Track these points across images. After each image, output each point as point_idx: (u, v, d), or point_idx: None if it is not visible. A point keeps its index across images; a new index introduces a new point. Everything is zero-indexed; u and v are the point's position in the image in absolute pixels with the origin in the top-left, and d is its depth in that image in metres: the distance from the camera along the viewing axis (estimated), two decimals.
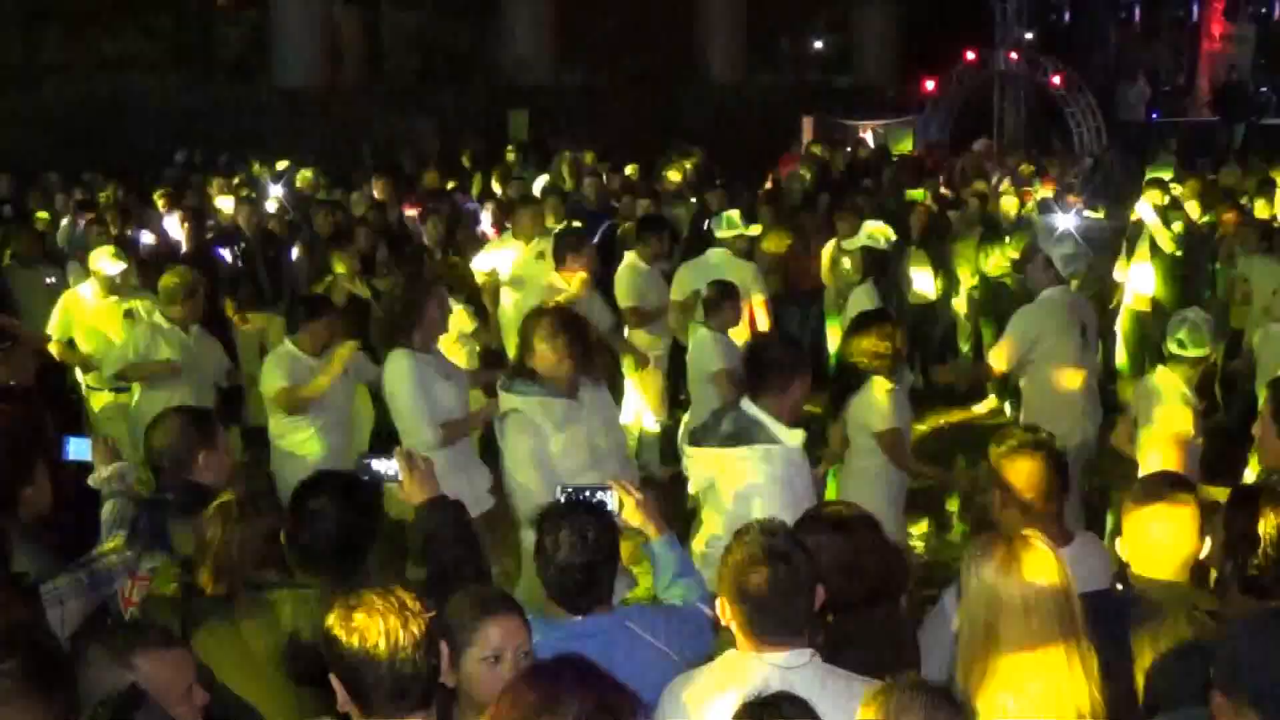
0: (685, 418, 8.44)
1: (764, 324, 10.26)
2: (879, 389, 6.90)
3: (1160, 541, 4.09)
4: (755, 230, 11.35)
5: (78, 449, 5.40)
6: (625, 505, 4.55)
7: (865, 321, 7.16)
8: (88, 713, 2.96)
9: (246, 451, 9.65)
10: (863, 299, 9.91)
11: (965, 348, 13.41)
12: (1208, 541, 4.12)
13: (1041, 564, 3.61)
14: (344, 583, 4.04)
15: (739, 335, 9.20)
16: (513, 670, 3.57)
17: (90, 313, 9.87)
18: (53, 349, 9.82)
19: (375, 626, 3.13)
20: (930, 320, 12.94)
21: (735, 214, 10.96)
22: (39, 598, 4.25)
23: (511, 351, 8.08)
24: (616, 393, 9.02)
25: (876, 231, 10.52)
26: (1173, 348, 6.99)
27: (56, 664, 2.97)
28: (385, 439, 7.92)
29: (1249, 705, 3.05)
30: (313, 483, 4.32)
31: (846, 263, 11.23)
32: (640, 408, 10.33)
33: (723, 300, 8.97)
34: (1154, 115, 27.29)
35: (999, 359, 8.32)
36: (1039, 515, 4.53)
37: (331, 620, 3.20)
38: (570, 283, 9.67)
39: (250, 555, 4.30)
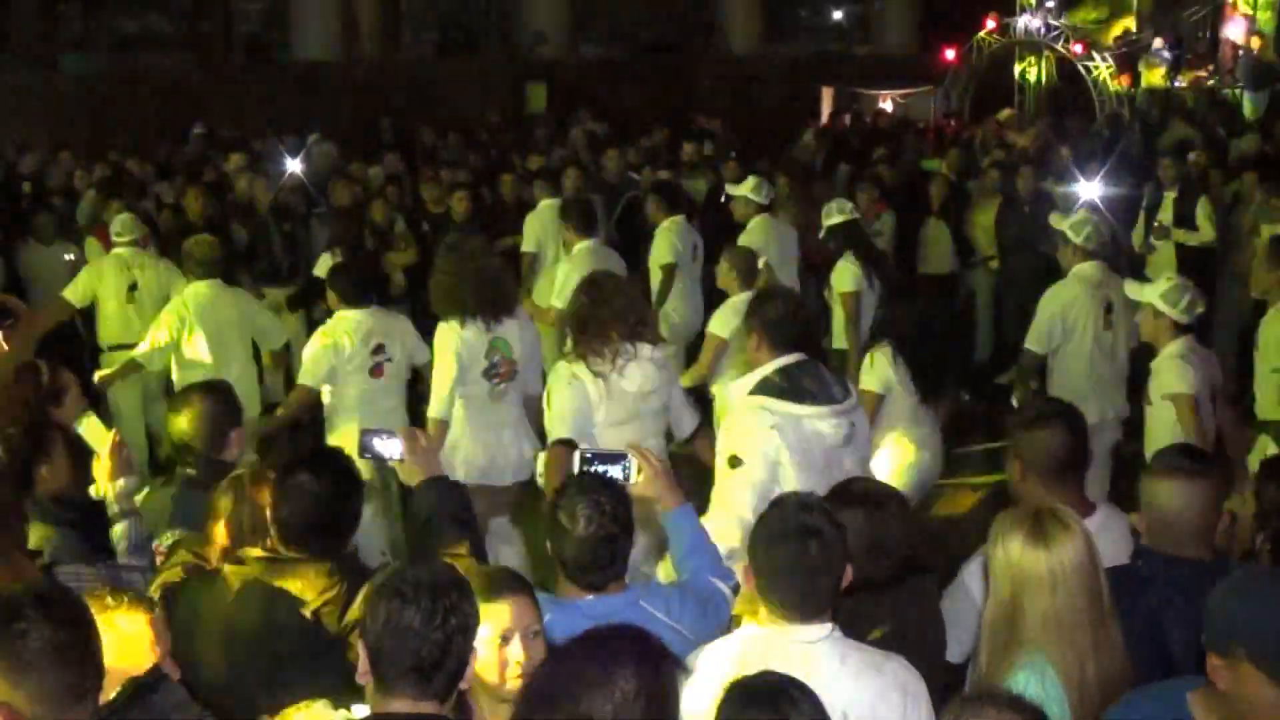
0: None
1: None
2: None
3: (1178, 514, 4.05)
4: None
5: (89, 430, 5.39)
6: (643, 473, 4.47)
7: None
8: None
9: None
10: (846, 276, 9.73)
11: (985, 319, 13.34)
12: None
13: (1068, 537, 3.60)
14: (325, 560, 4.06)
15: None
16: (523, 650, 3.55)
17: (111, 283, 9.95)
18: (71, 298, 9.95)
19: (416, 604, 3.11)
20: (948, 291, 12.87)
21: (752, 181, 10.89)
22: (53, 576, 4.26)
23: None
24: None
25: (836, 208, 10.23)
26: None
27: (87, 630, 2.97)
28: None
29: (1246, 660, 3.03)
30: (299, 460, 4.31)
31: None
32: None
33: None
34: (1175, 83, 27.05)
35: (1037, 342, 8.20)
36: (1059, 486, 4.49)
37: (375, 587, 3.19)
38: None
39: (261, 529, 4.30)
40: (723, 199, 12.46)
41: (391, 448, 4.44)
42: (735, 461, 5.37)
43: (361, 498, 4.36)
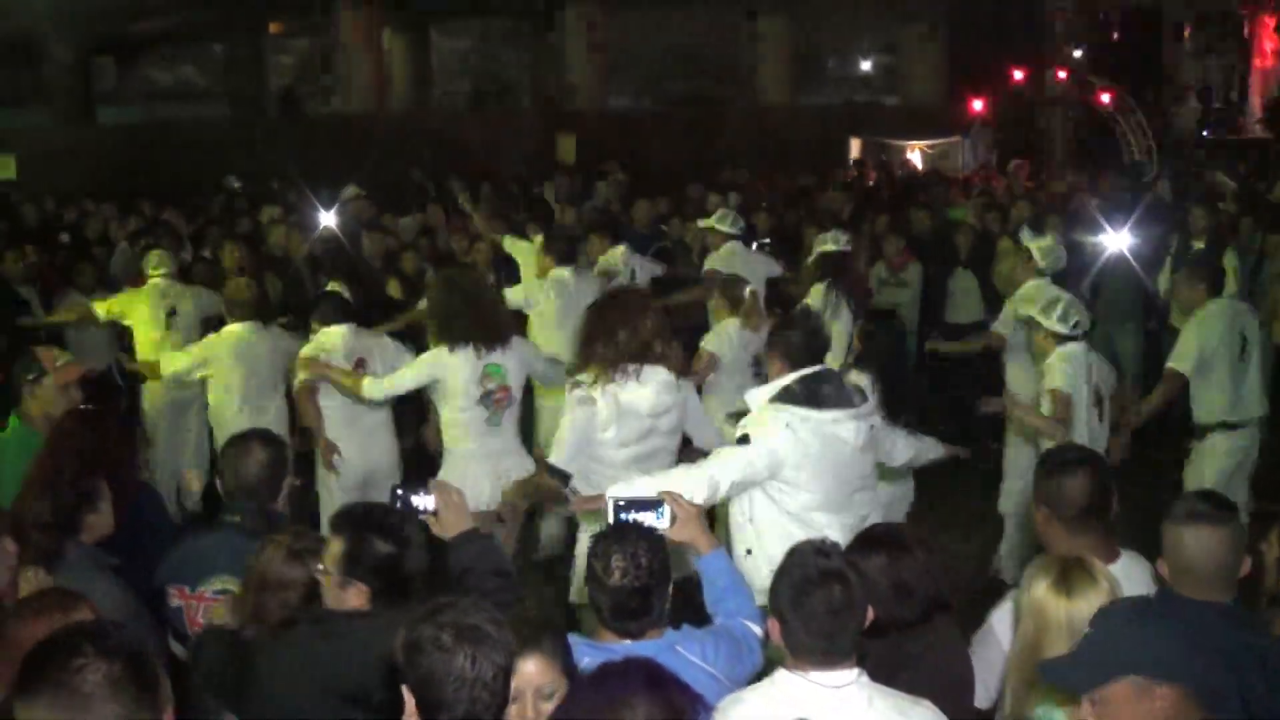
0: None
1: None
2: None
3: (1202, 561, 4.11)
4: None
5: None
6: (676, 519, 4.53)
7: None
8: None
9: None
10: (815, 298, 9.84)
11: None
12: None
13: (1092, 588, 3.67)
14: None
15: None
16: (530, 711, 3.57)
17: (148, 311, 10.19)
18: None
19: (464, 649, 3.16)
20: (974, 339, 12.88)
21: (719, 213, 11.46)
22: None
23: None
24: None
25: (831, 238, 10.41)
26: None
27: (143, 663, 3.02)
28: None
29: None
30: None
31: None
32: None
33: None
34: (1205, 133, 27.10)
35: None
36: (1083, 532, 4.56)
37: (421, 633, 3.21)
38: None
39: (297, 596, 4.35)
40: (753, 249, 12.53)
41: (424, 501, 4.50)
42: (744, 439, 5.56)
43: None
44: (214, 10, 28.38)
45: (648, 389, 6.48)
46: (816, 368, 5.74)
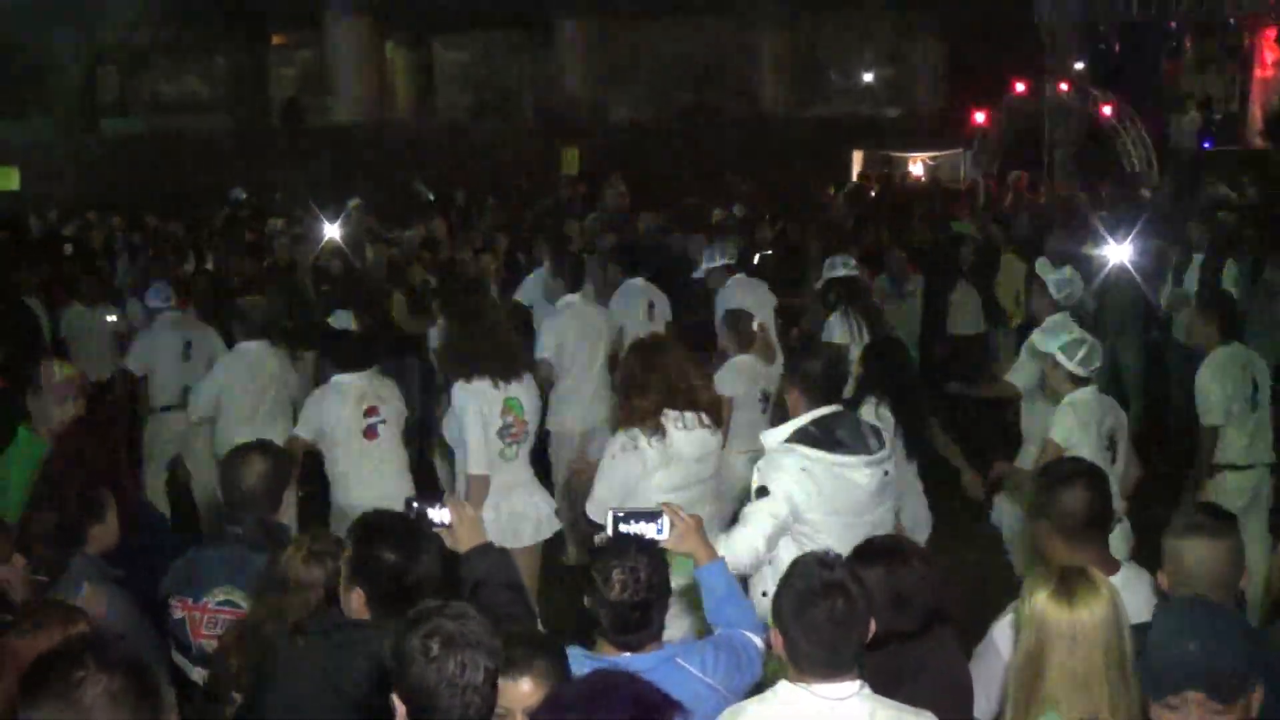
0: None
1: None
2: None
3: (1202, 572, 4.14)
4: None
5: None
6: (676, 530, 4.53)
7: None
8: None
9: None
10: (836, 329, 9.74)
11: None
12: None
13: (1092, 595, 3.68)
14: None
15: None
16: None
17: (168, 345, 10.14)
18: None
19: (455, 656, 3.18)
20: (977, 352, 12.91)
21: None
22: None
23: None
24: None
25: (841, 262, 10.31)
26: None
27: (144, 676, 3.04)
28: None
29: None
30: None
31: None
32: None
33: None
34: (1206, 144, 27.12)
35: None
36: (1083, 544, 4.58)
37: (409, 642, 3.23)
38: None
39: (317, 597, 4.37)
40: (755, 261, 12.58)
41: (440, 514, 4.53)
42: (762, 492, 5.49)
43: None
44: (217, 22, 28.44)
45: (694, 435, 6.43)
46: (834, 408, 5.68)
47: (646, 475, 6.30)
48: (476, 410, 7.19)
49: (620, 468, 6.32)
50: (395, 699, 3.27)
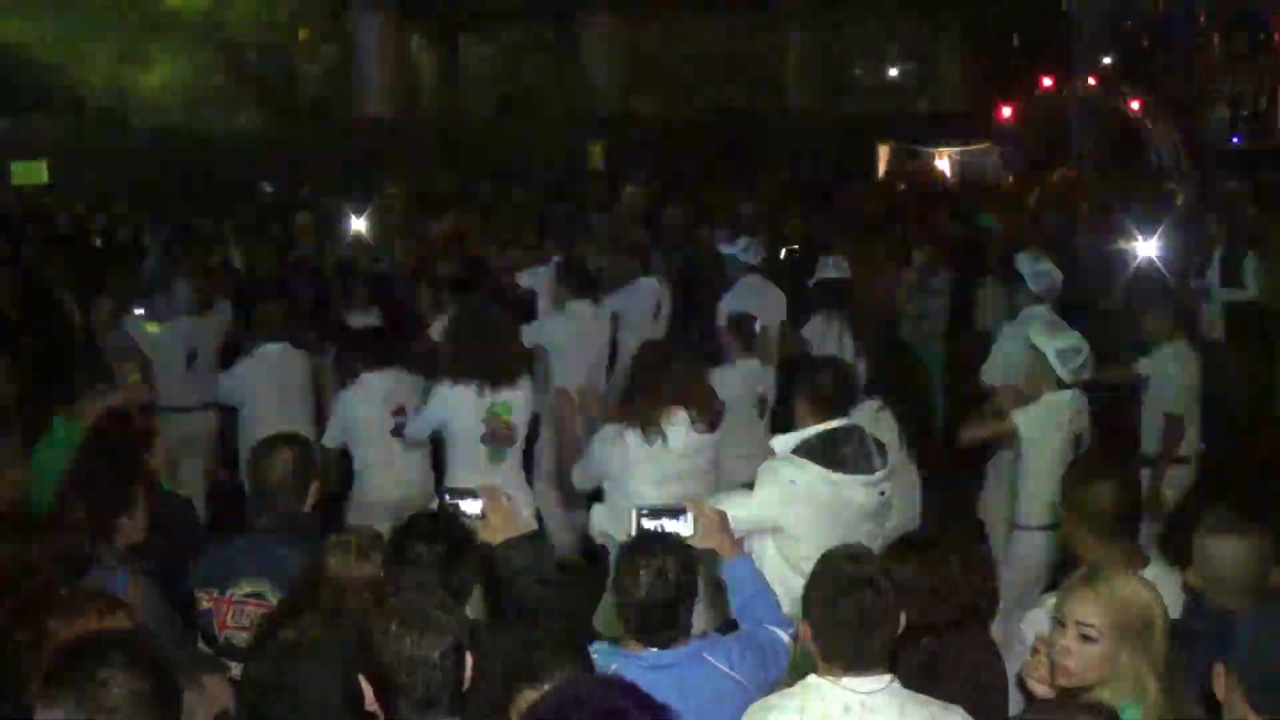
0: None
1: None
2: None
3: (1231, 570, 4.15)
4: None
5: None
6: (701, 526, 4.54)
7: None
8: None
9: None
10: (813, 330, 9.64)
11: None
12: None
13: (1125, 590, 3.67)
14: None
15: None
16: None
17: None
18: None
19: (410, 634, 3.21)
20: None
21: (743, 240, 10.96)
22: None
23: None
24: None
25: (833, 264, 10.20)
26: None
27: (167, 677, 3.04)
28: None
29: (1245, 693, 3.09)
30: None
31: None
32: None
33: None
34: (1235, 140, 26.99)
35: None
36: (1112, 540, 4.58)
37: (370, 623, 3.29)
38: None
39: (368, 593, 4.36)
40: (781, 256, 12.53)
41: (473, 506, 4.54)
42: (750, 485, 5.56)
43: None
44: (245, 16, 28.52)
45: (680, 430, 6.46)
46: (842, 422, 5.66)
47: (629, 467, 6.38)
48: (443, 420, 7.32)
49: (599, 454, 6.49)
50: (363, 680, 3.30)
